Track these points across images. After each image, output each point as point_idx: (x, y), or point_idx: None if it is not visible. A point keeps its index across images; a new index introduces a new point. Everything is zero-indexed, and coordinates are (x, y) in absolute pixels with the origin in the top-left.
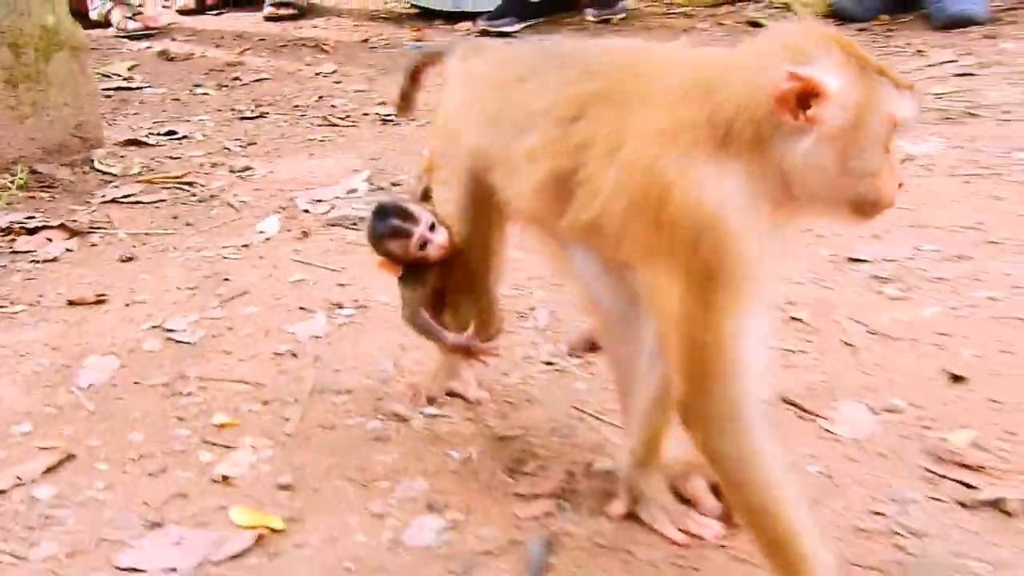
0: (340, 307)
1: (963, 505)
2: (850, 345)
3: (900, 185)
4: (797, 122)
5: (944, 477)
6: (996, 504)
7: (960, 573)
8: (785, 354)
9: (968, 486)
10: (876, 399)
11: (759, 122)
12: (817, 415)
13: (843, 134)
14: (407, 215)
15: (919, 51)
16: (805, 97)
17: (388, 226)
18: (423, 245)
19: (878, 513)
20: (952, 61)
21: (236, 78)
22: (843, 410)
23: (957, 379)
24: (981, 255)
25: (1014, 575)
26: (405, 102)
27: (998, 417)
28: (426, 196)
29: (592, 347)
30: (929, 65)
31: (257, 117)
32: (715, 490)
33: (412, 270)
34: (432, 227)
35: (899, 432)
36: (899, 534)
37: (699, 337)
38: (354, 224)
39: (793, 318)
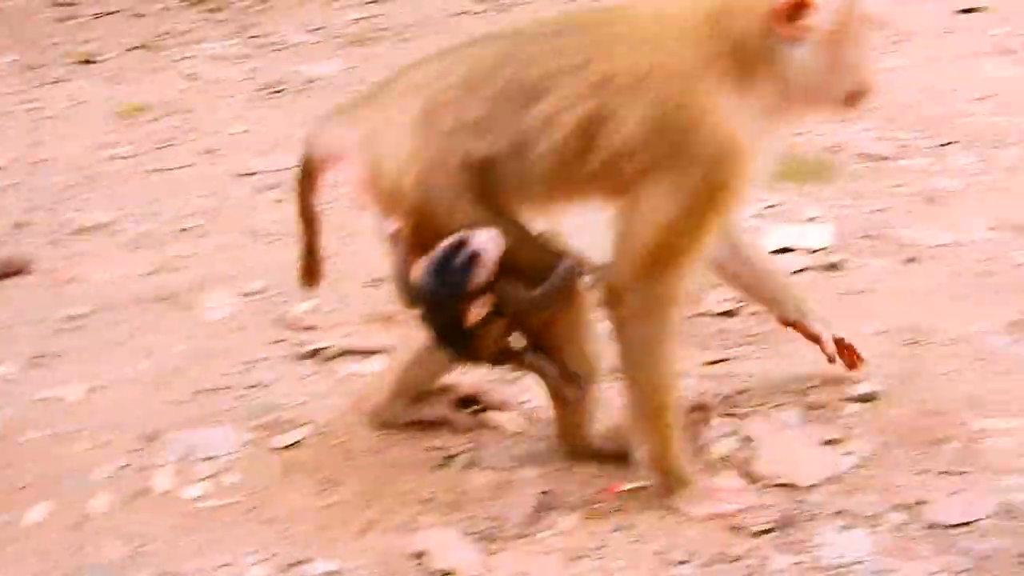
0: None
1: (297, 357)
2: (227, 247)
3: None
4: (792, 32)
5: (285, 340)
6: (318, 352)
7: (284, 409)
8: (174, 259)
9: (305, 343)
10: (243, 285)
11: (760, 38)
12: (192, 306)
13: (831, 37)
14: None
15: None
16: (796, 10)
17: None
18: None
19: (227, 374)
20: None
21: None
22: (213, 297)
23: None
24: None
25: (322, 403)
26: (311, 258)
27: (338, 288)
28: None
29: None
30: None
31: None
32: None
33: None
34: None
35: (257, 309)
36: (241, 387)
37: (680, 239)
38: None
39: (183, 229)
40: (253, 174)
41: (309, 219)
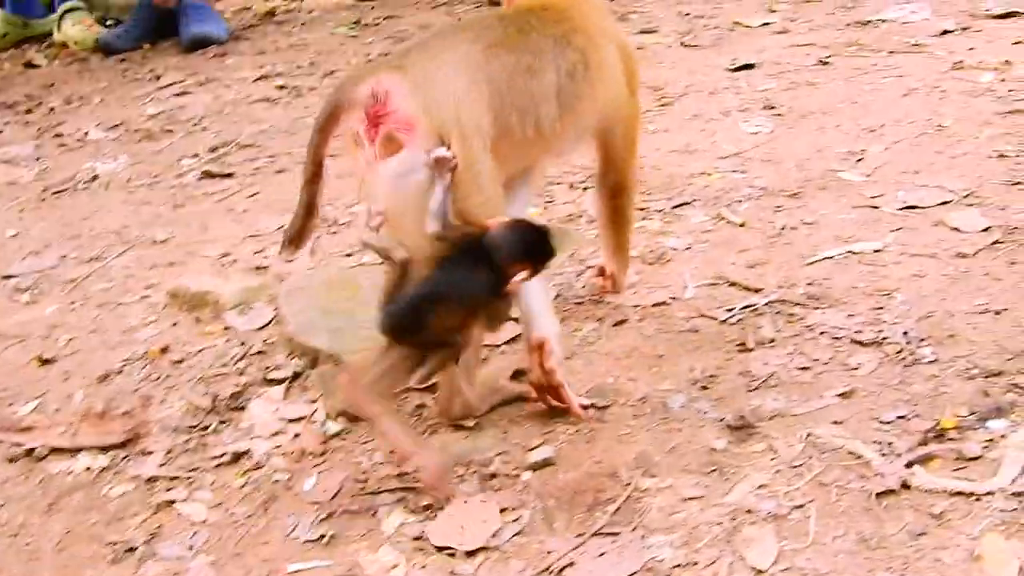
0: None
1: (10, 460)
2: None
3: None
4: None
5: (1, 443)
6: (31, 453)
7: None
8: None
9: (19, 444)
10: None
11: None
12: None
13: None
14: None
15: (157, 75)
16: None
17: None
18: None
19: None
20: (181, 81)
21: None
22: None
23: (46, 362)
24: (111, 255)
25: (20, 504)
26: (307, 216)
27: (66, 386)
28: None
29: None
30: (160, 88)
31: None
32: None
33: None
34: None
35: None
36: None
37: (637, 129)
38: None
39: None
40: (10, 277)
41: (318, 170)
